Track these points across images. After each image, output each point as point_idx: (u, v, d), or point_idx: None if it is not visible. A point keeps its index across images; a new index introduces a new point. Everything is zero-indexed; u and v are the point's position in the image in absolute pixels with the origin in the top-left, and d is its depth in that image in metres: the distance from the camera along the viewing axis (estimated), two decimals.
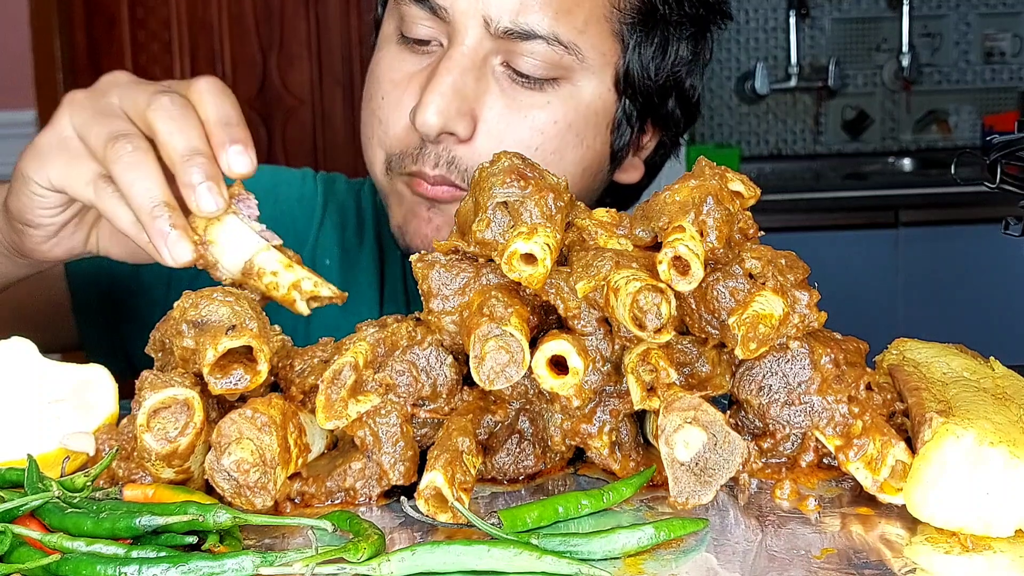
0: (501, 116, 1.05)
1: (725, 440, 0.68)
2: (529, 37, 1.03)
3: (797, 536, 0.68)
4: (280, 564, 0.60)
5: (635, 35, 1.09)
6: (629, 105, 1.11)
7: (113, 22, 3.25)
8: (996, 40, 4.10)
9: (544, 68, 1.04)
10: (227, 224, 0.84)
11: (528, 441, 0.79)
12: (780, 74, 4.09)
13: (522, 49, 1.03)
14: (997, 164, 0.92)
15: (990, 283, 3.30)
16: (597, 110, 1.09)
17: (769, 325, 0.71)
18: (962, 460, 0.67)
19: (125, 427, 0.75)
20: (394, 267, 1.27)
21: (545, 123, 1.06)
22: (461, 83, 1.03)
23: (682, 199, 0.76)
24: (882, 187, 3.61)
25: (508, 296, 0.74)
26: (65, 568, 0.60)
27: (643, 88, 1.11)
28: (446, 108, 1.02)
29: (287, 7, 3.31)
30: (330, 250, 1.27)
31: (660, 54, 1.11)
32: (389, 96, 1.09)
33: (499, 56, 1.05)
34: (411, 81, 1.07)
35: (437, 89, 1.02)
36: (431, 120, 1.02)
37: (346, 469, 0.75)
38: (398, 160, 1.08)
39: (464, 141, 1.05)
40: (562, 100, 1.06)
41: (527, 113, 1.05)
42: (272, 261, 0.84)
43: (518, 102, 1.05)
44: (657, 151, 1.21)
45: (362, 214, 1.30)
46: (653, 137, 1.19)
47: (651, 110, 1.14)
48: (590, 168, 1.12)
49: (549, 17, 1.03)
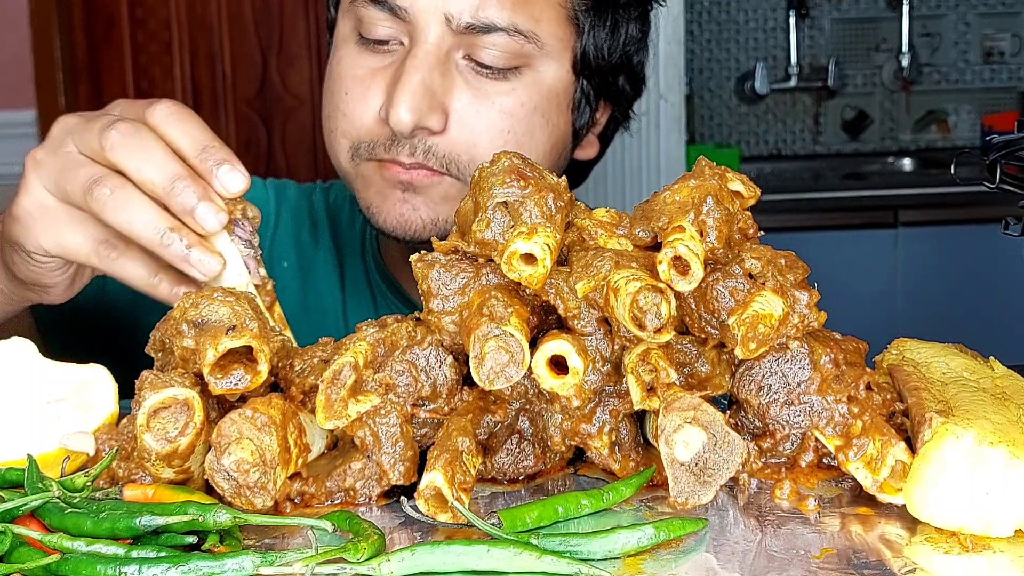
0: (470, 106, 1.08)
1: (725, 440, 0.68)
2: (490, 30, 1.06)
3: (797, 536, 0.68)
4: (280, 564, 0.60)
5: (589, 19, 1.13)
6: (586, 85, 1.16)
7: (113, 22, 3.25)
8: (995, 40, 4.10)
9: (505, 58, 1.08)
10: (220, 242, 0.85)
11: (528, 441, 0.79)
12: (780, 74, 4.09)
13: (483, 42, 1.07)
14: (997, 164, 0.92)
15: (990, 283, 3.30)
16: (558, 91, 1.13)
17: (769, 325, 0.71)
18: (962, 460, 0.67)
19: (125, 427, 0.75)
20: (354, 266, 1.30)
21: (512, 107, 1.09)
22: (428, 80, 1.06)
23: (682, 199, 0.76)
24: (881, 187, 3.61)
25: (508, 296, 0.74)
26: (65, 568, 0.60)
27: (598, 68, 1.16)
28: (417, 105, 1.05)
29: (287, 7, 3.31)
30: (286, 253, 1.29)
31: (612, 35, 1.16)
32: (353, 91, 1.11)
33: (461, 50, 1.08)
34: (375, 77, 1.10)
35: (407, 88, 1.05)
36: (404, 118, 1.05)
37: (346, 469, 0.75)
38: (367, 148, 1.10)
39: (437, 133, 1.08)
40: (525, 86, 1.10)
41: (494, 100, 1.09)
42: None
43: (484, 91, 1.09)
44: (608, 126, 1.26)
45: (315, 216, 1.33)
46: (604, 112, 1.24)
47: (604, 88, 1.20)
48: (556, 146, 1.16)
49: (507, 9, 1.06)
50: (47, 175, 0.88)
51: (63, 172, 0.86)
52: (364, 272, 1.29)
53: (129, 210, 0.83)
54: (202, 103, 3.22)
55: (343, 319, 1.26)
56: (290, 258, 1.29)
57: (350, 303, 1.28)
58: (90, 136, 0.86)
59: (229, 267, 0.85)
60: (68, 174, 0.86)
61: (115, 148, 0.84)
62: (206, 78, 3.24)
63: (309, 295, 1.27)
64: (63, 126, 0.90)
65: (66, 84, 3.14)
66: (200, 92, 3.23)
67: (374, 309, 1.26)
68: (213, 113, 3.22)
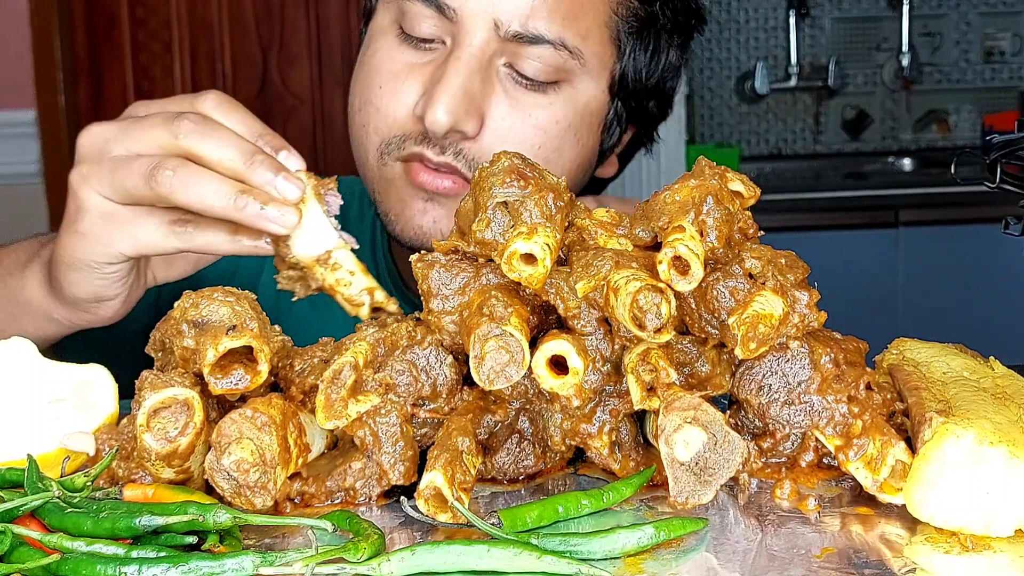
0: (506, 116, 1.07)
1: (725, 440, 0.68)
2: (536, 41, 1.05)
3: (797, 536, 0.68)
4: (280, 564, 0.60)
5: (632, 41, 1.13)
6: (620, 107, 1.16)
7: (113, 22, 3.25)
8: (996, 39, 4.10)
9: (547, 71, 1.07)
10: (310, 210, 0.86)
11: (528, 441, 0.79)
12: (780, 74, 4.09)
13: (528, 52, 1.06)
14: (997, 164, 0.92)
15: (990, 283, 3.30)
16: (593, 111, 1.12)
17: (769, 325, 0.71)
18: (962, 460, 0.67)
19: (125, 427, 0.75)
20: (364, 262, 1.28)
21: (547, 122, 1.08)
22: (469, 84, 1.05)
23: (682, 199, 0.76)
24: (882, 187, 3.61)
25: (508, 296, 0.74)
26: (65, 568, 0.60)
27: (634, 91, 1.15)
28: (456, 108, 1.04)
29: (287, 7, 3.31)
30: None
31: (652, 60, 1.15)
32: (388, 86, 1.09)
33: (503, 57, 1.06)
34: (411, 73, 1.08)
35: (447, 89, 1.04)
36: (441, 119, 1.04)
37: (346, 469, 0.75)
38: (397, 143, 1.09)
39: (470, 138, 1.07)
40: (563, 102, 1.09)
41: (530, 112, 1.08)
42: (351, 261, 0.87)
43: (522, 103, 1.08)
44: (630, 145, 1.26)
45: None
46: (629, 133, 1.24)
47: (636, 110, 1.19)
48: (583, 165, 1.15)
49: (557, 23, 1.05)
50: (99, 182, 0.89)
51: (116, 173, 0.88)
52: (374, 269, 1.28)
53: (197, 184, 0.84)
54: None
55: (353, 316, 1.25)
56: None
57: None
58: (151, 132, 0.87)
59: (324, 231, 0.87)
60: (122, 172, 0.87)
61: (189, 134, 0.85)
62: (206, 78, 3.24)
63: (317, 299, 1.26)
64: (94, 137, 0.91)
65: (66, 84, 3.15)
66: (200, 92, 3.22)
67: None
68: None
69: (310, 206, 0.87)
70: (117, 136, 0.89)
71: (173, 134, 0.86)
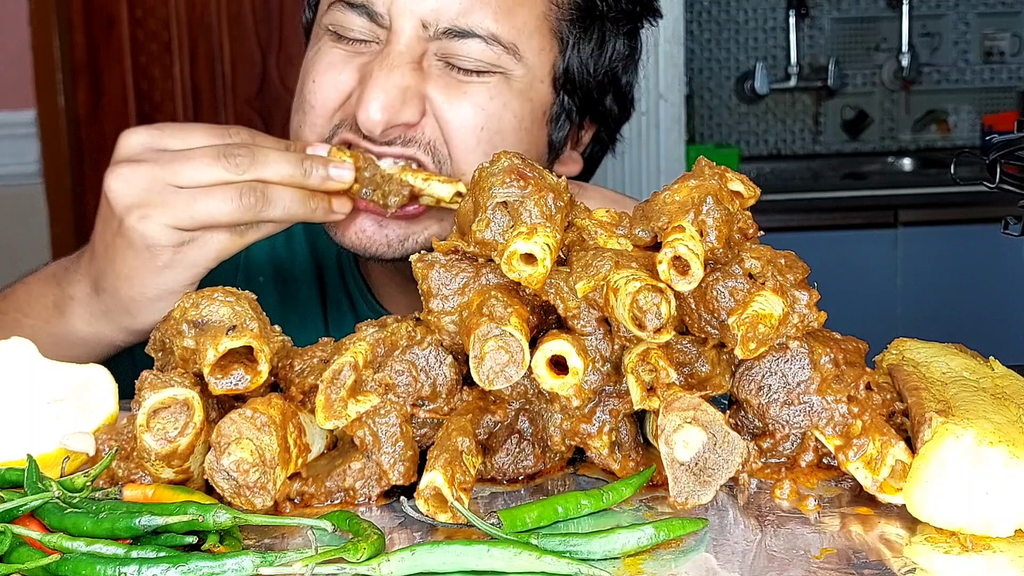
0: (445, 97, 1.06)
1: (725, 440, 0.68)
2: (466, 36, 1.05)
3: (796, 536, 0.68)
4: (280, 564, 0.60)
5: (574, 33, 1.11)
6: (568, 100, 1.14)
7: (112, 22, 3.24)
8: (995, 40, 4.10)
9: (479, 65, 1.06)
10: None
11: (528, 441, 0.79)
12: (780, 74, 4.09)
13: (459, 48, 1.05)
14: (996, 164, 0.92)
15: (990, 283, 3.30)
16: (533, 99, 1.10)
17: (769, 325, 0.71)
18: (962, 460, 0.67)
19: (125, 427, 0.75)
20: (333, 275, 1.28)
21: (484, 99, 1.07)
22: (401, 79, 1.04)
23: (682, 199, 0.76)
24: (881, 187, 3.61)
25: (508, 296, 0.74)
26: (65, 568, 0.60)
27: (582, 83, 1.14)
28: (389, 103, 1.03)
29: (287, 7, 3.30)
30: (262, 267, 1.28)
31: (598, 51, 1.14)
32: (321, 78, 1.09)
33: (436, 53, 1.06)
34: (345, 65, 1.08)
35: (378, 85, 1.03)
36: (375, 116, 1.03)
37: (346, 469, 0.75)
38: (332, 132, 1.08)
39: (414, 125, 1.06)
40: (497, 82, 1.07)
41: (467, 91, 1.06)
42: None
43: (459, 85, 1.07)
44: (593, 145, 1.25)
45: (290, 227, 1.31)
46: (589, 131, 1.22)
47: (589, 105, 1.17)
48: (531, 153, 1.13)
49: (489, 18, 1.05)
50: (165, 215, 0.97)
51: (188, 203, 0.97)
52: (342, 281, 1.27)
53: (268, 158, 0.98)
54: (202, 103, 3.22)
55: (325, 330, 1.25)
56: (266, 273, 1.27)
57: (331, 313, 1.26)
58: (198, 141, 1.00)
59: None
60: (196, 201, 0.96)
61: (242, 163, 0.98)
62: (206, 78, 3.24)
63: (288, 307, 1.25)
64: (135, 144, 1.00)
65: (66, 84, 3.14)
66: (200, 92, 3.22)
67: (355, 319, 1.24)
68: (213, 113, 3.22)
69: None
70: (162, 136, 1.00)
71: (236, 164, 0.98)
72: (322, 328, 1.25)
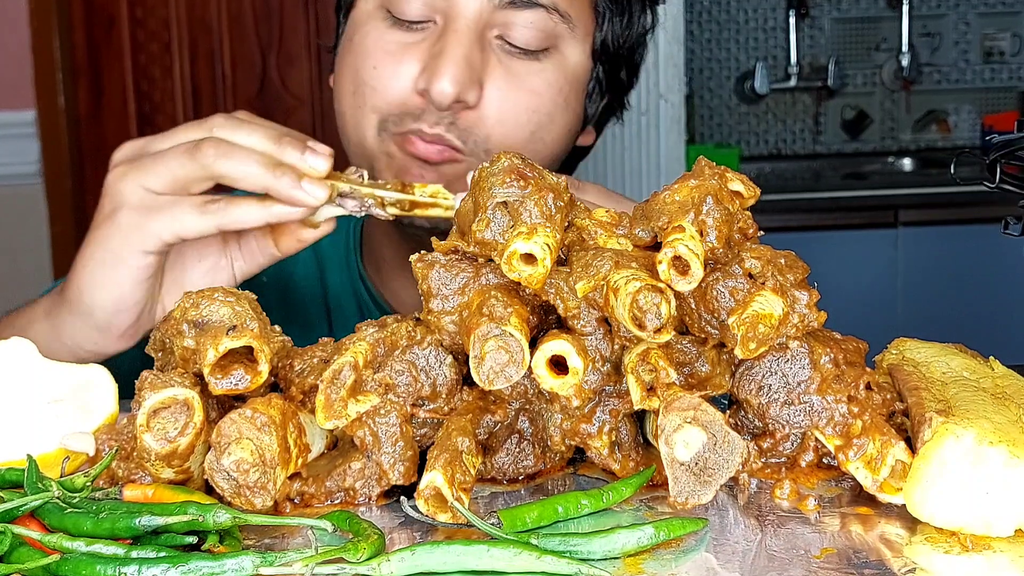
0: (503, 84, 1.11)
1: (725, 440, 0.68)
2: (531, 6, 1.09)
3: (797, 536, 0.68)
4: (280, 564, 0.60)
5: (610, 7, 1.17)
6: (601, 73, 1.19)
7: (113, 22, 3.24)
8: (996, 40, 4.10)
9: (538, 38, 1.10)
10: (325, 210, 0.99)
11: (528, 441, 0.79)
12: (780, 74, 4.09)
13: (520, 19, 1.09)
14: (996, 164, 0.92)
15: (990, 283, 3.30)
16: (579, 76, 1.16)
17: (769, 325, 0.71)
18: (962, 460, 0.67)
19: (125, 427, 0.75)
20: (337, 276, 1.28)
21: (540, 86, 1.12)
22: (470, 54, 1.08)
23: (682, 199, 0.76)
24: (881, 187, 3.61)
25: (508, 296, 0.74)
26: (65, 568, 0.60)
27: (613, 56, 1.19)
28: (461, 77, 1.07)
29: (287, 7, 3.30)
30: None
31: (628, 22, 1.20)
32: (383, 65, 1.11)
33: (495, 29, 1.10)
34: (407, 51, 1.10)
35: (451, 60, 1.07)
36: (447, 89, 1.06)
37: (346, 469, 0.75)
38: (396, 120, 1.11)
39: (471, 108, 1.10)
40: (554, 67, 1.13)
41: (524, 79, 1.11)
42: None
43: (515, 71, 1.11)
44: (603, 114, 1.29)
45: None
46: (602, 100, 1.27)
47: (613, 77, 1.23)
48: (572, 132, 1.19)
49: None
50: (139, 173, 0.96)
51: (157, 161, 0.95)
52: (348, 282, 1.27)
53: (235, 157, 0.94)
54: (202, 103, 3.22)
55: (328, 330, 1.25)
56: (268, 272, 1.28)
57: (335, 314, 1.27)
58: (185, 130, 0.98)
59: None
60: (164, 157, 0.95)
61: (219, 128, 0.96)
62: (206, 78, 3.24)
63: (290, 308, 1.26)
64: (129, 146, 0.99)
65: (66, 84, 3.14)
66: (200, 92, 3.22)
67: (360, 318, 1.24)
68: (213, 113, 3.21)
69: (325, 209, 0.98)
70: (152, 140, 0.98)
71: (206, 129, 0.95)
72: (326, 330, 1.25)
